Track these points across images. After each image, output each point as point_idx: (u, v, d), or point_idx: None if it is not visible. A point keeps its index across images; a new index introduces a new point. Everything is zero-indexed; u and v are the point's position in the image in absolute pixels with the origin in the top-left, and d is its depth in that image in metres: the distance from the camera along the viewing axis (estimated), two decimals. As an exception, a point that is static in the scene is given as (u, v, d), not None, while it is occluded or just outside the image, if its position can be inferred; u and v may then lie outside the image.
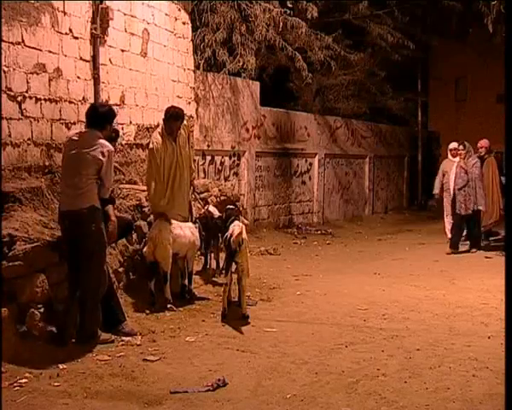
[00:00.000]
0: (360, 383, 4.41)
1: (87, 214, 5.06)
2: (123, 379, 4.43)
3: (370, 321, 6.14)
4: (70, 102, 6.73)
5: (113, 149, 5.26)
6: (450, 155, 11.61)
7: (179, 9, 9.10)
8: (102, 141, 5.15)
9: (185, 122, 7.01)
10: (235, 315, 6.10)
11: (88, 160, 5.06)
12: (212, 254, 7.98)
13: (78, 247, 5.09)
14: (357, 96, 17.23)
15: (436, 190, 11.86)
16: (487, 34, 14.64)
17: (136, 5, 8.00)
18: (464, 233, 10.98)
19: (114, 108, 7.49)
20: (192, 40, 9.74)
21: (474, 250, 10.61)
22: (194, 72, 9.81)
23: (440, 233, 12.79)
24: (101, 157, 5.07)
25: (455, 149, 11.38)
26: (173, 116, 6.72)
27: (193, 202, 7.38)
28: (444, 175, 11.58)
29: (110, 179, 5.28)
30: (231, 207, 7.05)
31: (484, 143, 11.44)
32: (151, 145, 6.66)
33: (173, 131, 6.75)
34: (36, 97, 6.21)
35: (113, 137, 5.86)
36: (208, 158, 11.13)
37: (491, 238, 11.51)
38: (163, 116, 6.81)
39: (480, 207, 10.49)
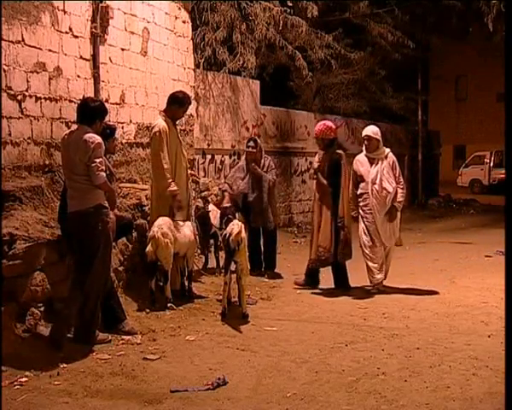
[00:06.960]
0: (360, 381, 4.41)
1: (94, 213, 5.01)
2: (123, 378, 4.43)
3: (370, 320, 6.14)
4: (70, 101, 6.72)
5: (99, 139, 5.01)
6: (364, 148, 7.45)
7: (179, 8, 9.09)
8: (88, 135, 4.98)
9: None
10: (235, 314, 6.10)
11: (79, 162, 4.98)
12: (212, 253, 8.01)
13: (84, 246, 5.06)
14: (358, 95, 17.27)
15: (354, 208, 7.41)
16: (487, 33, 14.67)
17: (136, 4, 7.99)
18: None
19: (114, 106, 7.57)
20: (192, 39, 9.72)
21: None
22: (194, 71, 9.80)
23: (441, 232, 12.81)
24: (87, 154, 4.94)
25: (368, 137, 7.27)
26: (180, 101, 6.66)
27: (192, 200, 7.36)
28: (359, 181, 7.36)
29: (95, 166, 4.93)
30: (227, 205, 7.01)
31: (320, 128, 7.24)
32: (156, 129, 6.42)
33: (177, 117, 6.76)
34: (36, 96, 6.20)
35: (107, 133, 5.79)
36: (208, 157, 11.14)
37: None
38: (168, 100, 6.70)
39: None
